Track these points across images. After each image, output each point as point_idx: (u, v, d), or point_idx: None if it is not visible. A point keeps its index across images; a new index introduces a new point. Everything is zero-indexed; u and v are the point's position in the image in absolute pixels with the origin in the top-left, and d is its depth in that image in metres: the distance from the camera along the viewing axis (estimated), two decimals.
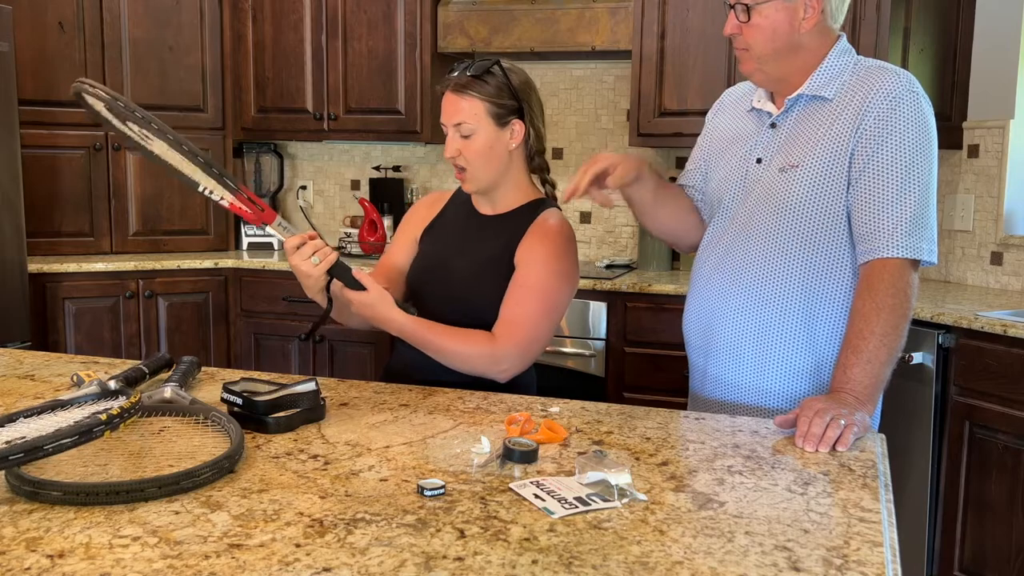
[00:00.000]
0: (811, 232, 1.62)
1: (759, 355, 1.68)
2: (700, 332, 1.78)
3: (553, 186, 1.95)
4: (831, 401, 1.43)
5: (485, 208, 1.92)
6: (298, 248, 1.59)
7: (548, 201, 1.92)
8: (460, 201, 1.98)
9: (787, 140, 1.66)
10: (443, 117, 1.82)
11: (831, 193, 1.59)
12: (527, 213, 1.87)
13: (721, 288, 1.72)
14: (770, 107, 1.70)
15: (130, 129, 1.51)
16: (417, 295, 1.91)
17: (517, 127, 1.82)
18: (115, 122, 1.51)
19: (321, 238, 1.62)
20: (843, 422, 1.35)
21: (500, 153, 1.82)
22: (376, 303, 1.66)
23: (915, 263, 1.57)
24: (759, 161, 1.69)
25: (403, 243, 1.99)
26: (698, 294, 1.79)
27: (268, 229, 1.60)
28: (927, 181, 1.57)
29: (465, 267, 1.85)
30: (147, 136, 1.52)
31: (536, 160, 1.90)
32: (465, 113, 1.78)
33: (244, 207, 1.56)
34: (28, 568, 0.91)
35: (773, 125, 1.69)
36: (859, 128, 1.56)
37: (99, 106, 1.48)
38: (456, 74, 1.81)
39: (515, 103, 1.82)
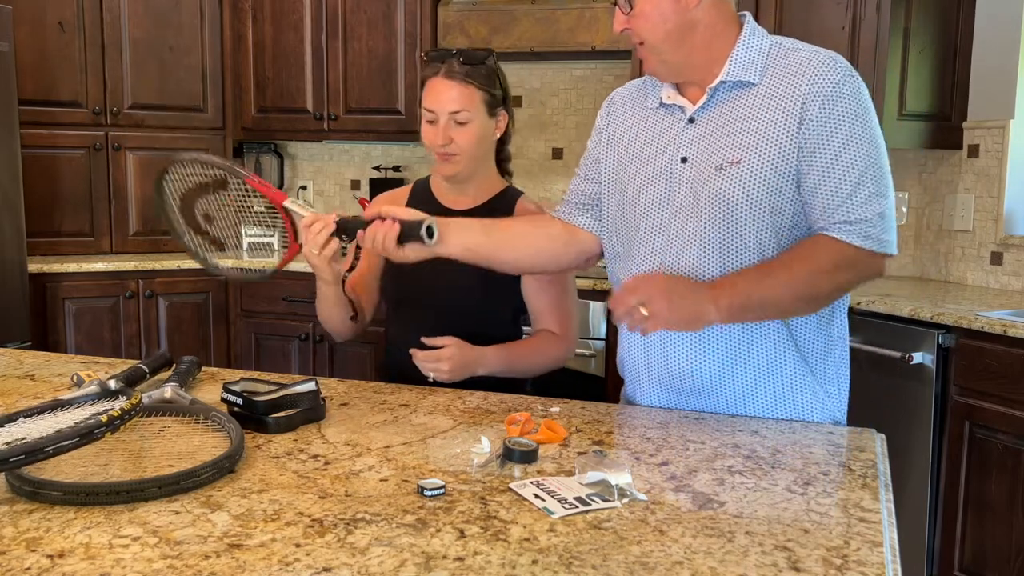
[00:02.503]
0: (764, 234, 1.47)
1: (739, 377, 1.54)
2: (650, 359, 1.60)
3: (511, 175, 1.99)
4: (674, 283, 1.43)
5: (457, 202, 1.91)
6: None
7: (513, 188, 1.95)
8: (421, 199, 1.95)
9: (714, 134, 1.50)
10: (433, 103, 1.80)
11: (780, 190, 1.46)
12: (502, 204, 1.89)
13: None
14: (682, 101, 1.54)
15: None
16: (403, 304, 1.90)
17: (502, 117, 1.87)
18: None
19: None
20: (645, 312, 1.39)
21: (488, 142, 1.86)
22: (456, 350, 1.71)
23: (882, 258, 1.46)
24: (684, 160, 1.52)
25: (374, 259, 1.95)
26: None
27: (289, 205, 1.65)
28: (884, 167, 1.46)
29: (454, 270, 1.81)
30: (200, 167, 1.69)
31: (504, 151, 1.94)
32: (463, 100, 1.79)
33: (258, 192, 1.65)
34: (28, 568, 0.91)
35: (692, 120, 1.53)
36: (803, 120, 1.45)
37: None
38: (447, 61, 1.81)
39: (502, 93, 1.86)
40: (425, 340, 1.72)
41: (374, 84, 3.89)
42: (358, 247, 1.66)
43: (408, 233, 1.56)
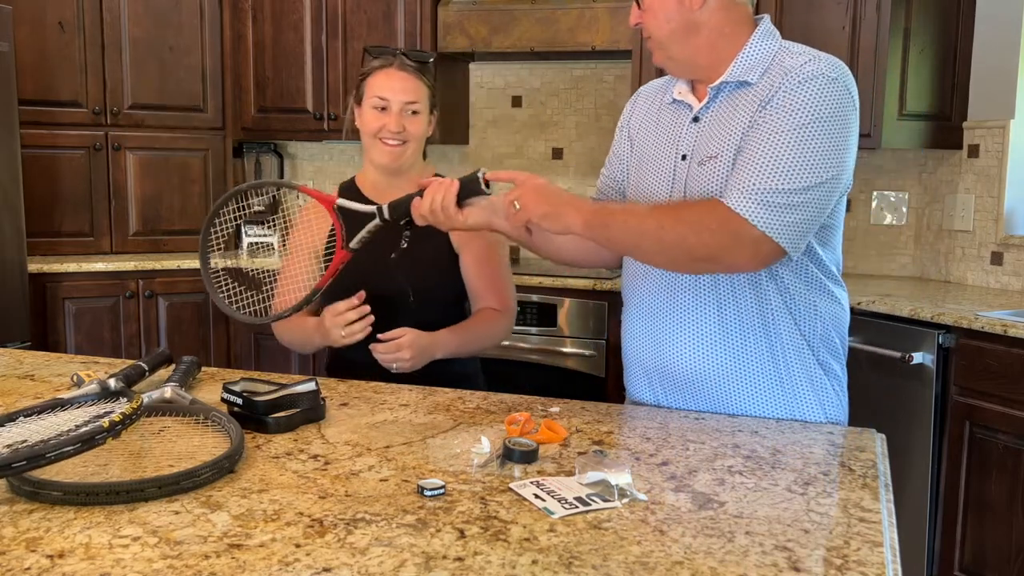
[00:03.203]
0: None
1: (734, 373, 1.56)
2: (652, 355, 1.62)
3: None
4: (547, 186, 1.48)
5: (391, 196, 1.92)
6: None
7: (438, 174, 1.99)
8: (349, 199, 1.98)
9: (709, 132, 1.53)
10: (388, 92, 1.89)
11: None
12: None
13: (667, 303, 1.58)
14: (691, 99, 1.58)
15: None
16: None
17: (434, 117, 1.99)
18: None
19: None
20: (517, 206, 1.46)
21: (426, 137, 1.97)
22: (413, 338, 1.78)
23: (761, 237, 1.39)
24: (684, 158, 1.56)
25: (306, 265, 1.95)
26: (639, 311, 1.64)
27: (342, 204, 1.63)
28: (819, 175, 1.40)
29: (407, 266, 1.86)
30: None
31: (425, 150, 2.05)
32: (417, 92, 1.91)
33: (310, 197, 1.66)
34: (28, 568, 0.91)
35: (696, 119, 1.56)
36: (766, 106, 1.45)
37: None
38: (398, 56, 1.91)
39: (436, 94, 1.98)
40: (380, 336, 1.77)
41: None
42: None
43: (467, 187, 1.51)
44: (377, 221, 1.59)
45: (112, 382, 1.46)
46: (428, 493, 1.11)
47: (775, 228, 1.40)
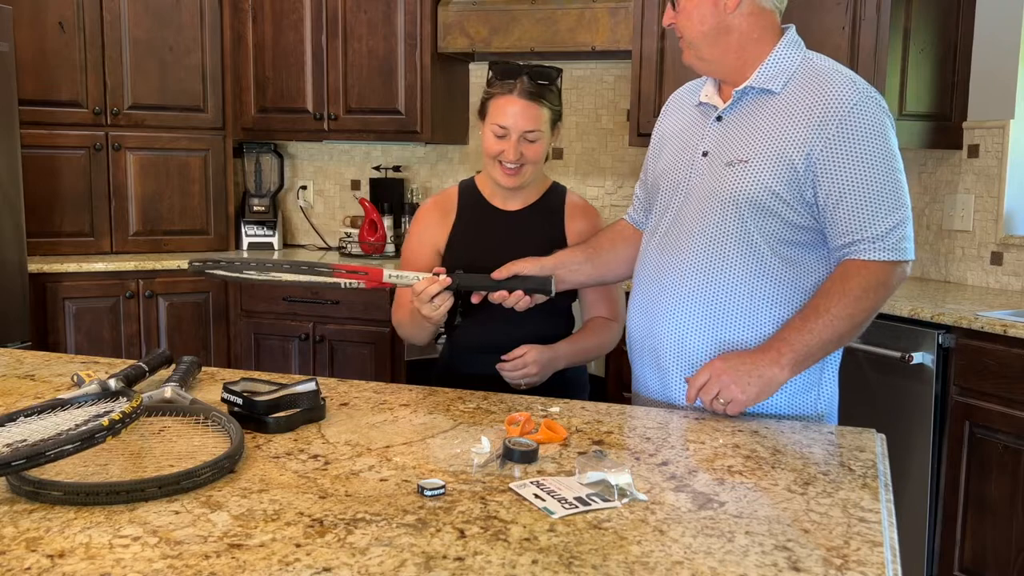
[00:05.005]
0: (754, 230, 1.56)
1: (707, 357, 1.61)
2: (644, 334, 1.70)
3: None
4: (734, 364, 1.51)
5: (510, 203, 2.00)
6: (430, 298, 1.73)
7: (558, 184, 2.05)
8: (473, 203, 2.02)
9: (733, 133, 1.61)
10: (507, 121, 1.85)
11: (776, 196, 1.54)
12: (552, 199, 2.01)
13: (662, 285, 1.65)
14: (717, 100, 1.66)
15: (250, 274, 1.70)
16: (472, 311, 1.90)
17: (557, 130, 1.94)
18: (239, 276, 1.70)
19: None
20: (723, 401, 1.49)
21: (547, 153, 1.94)
22: (536, 354, 1.83)
23: (907, 263, 1.56)
24: (705, 155, 1.64)
25: (427, 259, 1.99)
26: (640, 291, 1.72)
27: (389, 280, 1.71)
28: (900, 180, 1.54)
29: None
30: (265, 271, 1.69)
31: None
32: (537, 121, 1.86)
33: (355, 281, 1.68)
34: (28, 568, 0.91)
35: (719, 118, 1.64)
36: (817, 134, 1.51)
37: (221, 274, 1.69)
38: (519, 78, 1.85)
39: (560, 109, 1.93)
40: (504, 356, 1.82)
41: (374, 84, 3.89)
42: (458, 297, 1.77)
43: (537, 292, 1.73)
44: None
45: (112, 382, 1.46)
46: (428, 493, 1.11)
47: (908, 251, 1.55)
